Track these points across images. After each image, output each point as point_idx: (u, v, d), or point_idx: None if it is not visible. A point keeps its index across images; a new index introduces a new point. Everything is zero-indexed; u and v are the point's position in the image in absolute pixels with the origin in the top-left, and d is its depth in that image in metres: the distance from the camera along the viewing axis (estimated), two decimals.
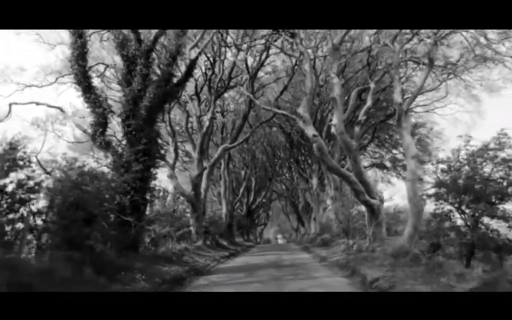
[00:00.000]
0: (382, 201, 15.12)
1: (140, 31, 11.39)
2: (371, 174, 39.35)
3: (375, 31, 16.84)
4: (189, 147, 26.19)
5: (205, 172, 20.79)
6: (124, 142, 10.69)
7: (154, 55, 11.49)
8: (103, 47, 16.79)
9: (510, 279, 5.49)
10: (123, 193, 9.65)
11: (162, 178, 18.13)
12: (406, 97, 19.19)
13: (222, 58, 20.53)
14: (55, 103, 25.35)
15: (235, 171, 37.60)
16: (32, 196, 6.94)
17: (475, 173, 9.45)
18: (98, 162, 23.77)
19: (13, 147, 6.87)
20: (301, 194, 39.11)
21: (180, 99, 19.45)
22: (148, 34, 11.87)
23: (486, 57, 14.46)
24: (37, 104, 12.26)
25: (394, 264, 9.46)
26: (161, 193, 17.00)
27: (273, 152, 37.42)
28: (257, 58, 22.53)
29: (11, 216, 6.68)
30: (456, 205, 9.73)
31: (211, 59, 21.03)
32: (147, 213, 11.71)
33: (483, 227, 9.18)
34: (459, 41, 14.78)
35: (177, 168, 24.30)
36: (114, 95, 17.92)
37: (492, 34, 14.49)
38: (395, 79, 13.31)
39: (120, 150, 10.62)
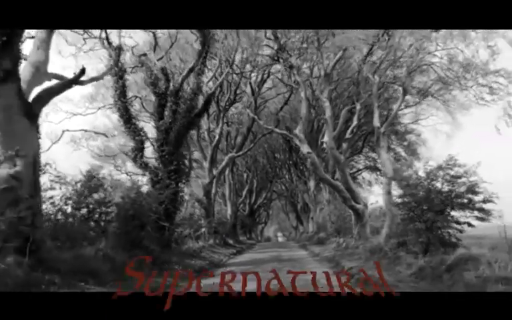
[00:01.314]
0: (366, 206, 18.03)
1: (169, 71, 14.30)
2: (365, 175, 42.24)
3: (361, 57, 19.60)
4: (197, 155, 29.05)
5: (214, 179, 23.66)
6: (158, 163, 13.55)
7: (180, 93, 14.33)
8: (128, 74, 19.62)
9: (431, 265, 8.38)
10: (159, 203, 12.52)
11: None
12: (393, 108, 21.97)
13: (230, 81, 23.34)
14: (91, 124, 28.87)
15: (237, 174, 40.21)
16: (108, 210, 9.83)
17: (430, 187, 12.32)
18: (117, 169, 26.82)
19: (91, 176, 9.74)
20: (299, 194, 41.38)
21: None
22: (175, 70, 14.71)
23: (450, 84, 17.26)
24: (86, 131, 15.20)
25: (369, 258, 12.35)
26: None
27: (273, 155, 39.96)
28: (259, 76, 25.36)
29: (91, 224, 9.58)
30: (415, 212, 12.61)
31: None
32: None
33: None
34: (429, 71, 17.61)
35: None
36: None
37: (456, 63, 17.29)
38: (374, 105, 16.11)
39: (155, 169, 13.47)
